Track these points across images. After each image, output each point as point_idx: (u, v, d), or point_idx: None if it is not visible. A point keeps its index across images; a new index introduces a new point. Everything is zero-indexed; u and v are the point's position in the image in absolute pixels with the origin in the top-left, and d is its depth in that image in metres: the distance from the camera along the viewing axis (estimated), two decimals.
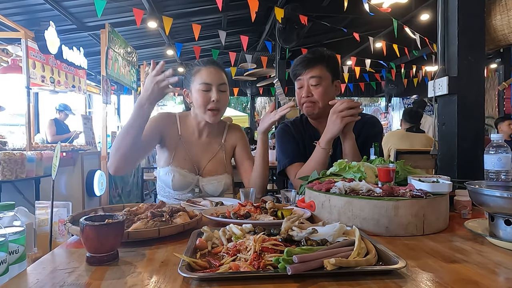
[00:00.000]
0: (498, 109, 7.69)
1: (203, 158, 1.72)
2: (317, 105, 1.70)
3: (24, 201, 3.06)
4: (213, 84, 1.60)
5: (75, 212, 1.12)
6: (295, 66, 1.74)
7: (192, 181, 1.66)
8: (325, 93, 1.69)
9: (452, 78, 1.80)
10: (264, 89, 11.51)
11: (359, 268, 0.73)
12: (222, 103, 1.63)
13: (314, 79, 1.68)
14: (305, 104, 1.72)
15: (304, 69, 1.70)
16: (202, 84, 1.60)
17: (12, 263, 0.85)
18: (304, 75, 1.70)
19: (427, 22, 6.65)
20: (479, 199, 0.97)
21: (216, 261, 0.77)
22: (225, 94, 1.65)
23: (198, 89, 1.61)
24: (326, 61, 1.70)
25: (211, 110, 1.61)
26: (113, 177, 4.80)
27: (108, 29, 4.38)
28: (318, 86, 1.68)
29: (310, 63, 1.69)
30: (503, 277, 0.75)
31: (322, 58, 1.70)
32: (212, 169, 1.70)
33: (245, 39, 5.72)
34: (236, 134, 1.82)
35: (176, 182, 1.63)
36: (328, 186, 1.16)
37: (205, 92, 1.60)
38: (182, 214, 1.09)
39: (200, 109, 1.62)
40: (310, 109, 1.72)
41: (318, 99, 1.69)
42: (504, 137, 1.29)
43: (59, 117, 6.08)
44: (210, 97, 1.59)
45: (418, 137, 4.02)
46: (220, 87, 1.62)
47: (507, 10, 1.84)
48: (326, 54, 1.72)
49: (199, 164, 1.71)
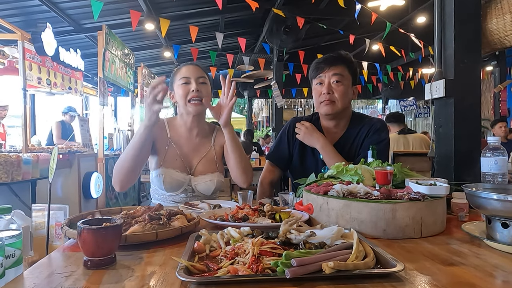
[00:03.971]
0: (494, 111, 7.74)
1: (194, 157, 1.74)
2: (336, 105, 1.68)
3: (20, 204, 3.04)
4: (191, 77, 1.66)
5: (72, 215, 1.12)
6: (318, 63, 1.72)
7: (184, 181, 1.67)
8: (346, 93, 1.68)
9: (449, 81, 1.81)
10: (262, 91, 11.52)
11: (357, 271, 0.73)
12: (203, 93, 1.66)
13: (337, 76, 1.67)
14: (324, 102, 1.68)
15: (328, 66, 1.68)
16: (181, 78, 1.67)
17: (9, 267, 0.85)
18: (327, 71, 1.68)
19: (423, 25, 6.69)
20: (476, 202, 0.98)
21: (214, 265, 0.77)
22: (205, 86, 1.69)
23: (178, 84, 1.67)
24: (349, 64, 1.71)
25: (192, 100, 1.64)
26: (110, 179, 4.78)
27: (105, 31, 4.37)
28: (340, 84, 1.67)
29: (334, 61, 1.69)
30: (500, 280, 0.75)
31: (346, 59, 1.72)
32: (204, 168, 1.72)
33: (242, 41, 5.73)
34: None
35: (168, 183, 1.64)
36: (326, 188, 1.16)
37: (185, 84, 1.66)
38: (179, 217, 1.09)
39: (182, 101, 1.67)
40: (329, 108, 1.68)
41: (339, 98, 1.67)
42: (500, 139, 1.29)
43: (66, 119, 6.08)
44: (190, 88, 1.65)
45: (413, 137, 4.11)
46: (199, 79, 1.67)
47: (503, 13, 1.85)
48: (349, 57, 1.74)
49: (191, 163, 1.72)
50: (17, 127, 5.27)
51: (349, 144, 1.75)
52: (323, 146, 1.69)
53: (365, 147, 1.70)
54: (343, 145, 1.72)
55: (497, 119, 5.97)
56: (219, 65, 9.94)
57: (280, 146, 1.86)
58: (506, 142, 5.30)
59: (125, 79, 5.46)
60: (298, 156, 1.81)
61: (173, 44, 6.62)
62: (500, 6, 1.86)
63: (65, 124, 6.06)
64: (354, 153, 1.73)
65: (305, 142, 1.75)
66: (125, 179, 1.53)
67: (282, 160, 1.86)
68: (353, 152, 1.73)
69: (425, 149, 4.00)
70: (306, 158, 1.80)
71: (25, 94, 3.66)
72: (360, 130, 1.74)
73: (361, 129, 1.74)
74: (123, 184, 1.54)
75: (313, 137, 1.72)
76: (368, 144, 1.69)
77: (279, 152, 1.86)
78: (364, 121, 1.77)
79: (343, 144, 1.73)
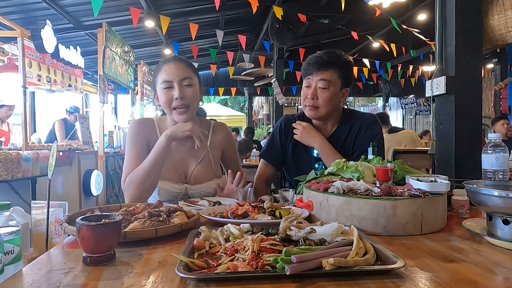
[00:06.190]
0: (495, 109, 7.73)
1: (189, 164, 1.63)
2: (319, 110, 1.67)
3: (20, 201, 3.04)
4: (174, 81, 1.52)
5: (71, 212, 1.12)
6: (308, 64, 1.69)
7: (180, 191, 1.58)
8: (331, 99, 1.65)
9: (450, 77, 1.81)
10: (262, 88, 11.51)
11: (358, 268, 0.72)
12: (188, 99, 1.53)
13: (323, 82, 1.64)
14: (308, 107, 1.69)
15: (316, 70, 1.64)
16: (163, 82, 1.53)
17: (8, 263, 0.85)
18: (315, 76, 1.65)
19: (424, 22, 6.67)
20: (477, 199, 0.97)
21: (214, 261, 0.76)
22: (191, 88, 1.54)
23: (160, 88, 1.55)
24: (340, 67, 1.65)
25: (176, 108, 1.53)
26: (110, 177, 4.78)
27: (105, 28, 4.36)
28: (326, 91, 1.64)
29: (323, 65, 1.64)
30: (501, 277, 0.75)
31: (337, 62, 1.65)
32: (200, 175, 1.62)
33: (243, 38, 5.71)
34: (222, 136, 1.75)
35: (164, 196, 1.56)
36: (326, 185, 1.16)
37: (167, 89, 1.53)
38: (179, 214, 1.09)
39: (166, 109, 1.56)
40: (312, 113, 1.69)
41: (322, 104, 1.65)
42: (501, 136, 1.29)
43: (69, 119, 6.07)
44: (173, 95, 1.52)
45: (403, 134, 4.24)
46: (182, 82, 1.52)
47: (504, 10, 1.84)
48: (341, 59, 1.66)
49: (186, 171, 1.62)
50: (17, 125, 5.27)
51: (341, 141, 1.74)
52: (321, 145, 1.68)
53: (359, 143, 1.70)
54: (335, 142, 1.71)
55: (498, 117, 5.96)
56: (219, 63, 9.93)
57: (273, 144, 1.85)
58: (506, 140, 5.29)
59: (125, 76, 5.45)
60: (292, 154, 1.81)
61: (173, 42, 6.62)
62: (502, 2, 1.85)
63: (67, 123, 6.05)
64: (347, 150, 1.73)
65: (303, 141, 1.74)
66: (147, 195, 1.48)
67: (276, 158, 1.85)
68: (346, 149, 1.73)
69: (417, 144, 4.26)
70: (299, 155, 1.80)
71: (25, 92, 3.66)
72: (352, 127, 1.74)
73: (352, 126, 1.74)
74: (144, 200, 1.45)
75: (310, 136, 1.71)
76: (362, 140, 1.69)
77: (272, 150, 1.85)
78: (355, 117, 1.77)
79: (335, 141, 1.72)
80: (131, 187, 1.45)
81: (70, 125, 6.09)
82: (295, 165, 1.80)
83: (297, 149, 1.80)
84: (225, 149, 1.76)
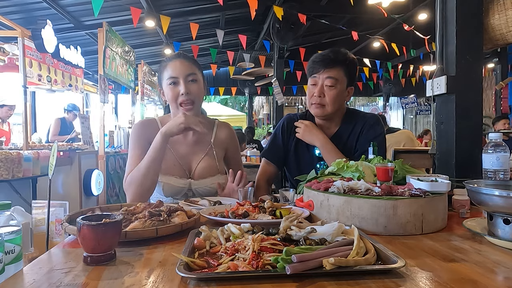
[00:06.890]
0: (495, 108, 7.73)
1: (193, 159, 1.65)
2: (326, 108, 1.67)
3: (21, 201, 3.04)
4: (179, 77, 1.56)
5: (72, 212, 1.12)
6: (314, 62, 1.68)
7: (184, 186, 1.59)
8: (337, 97, 1.65)
9: (450, 77, 1.80)
10: (262, 88, 11.50)
11: (358, 267, 0.72)
12: (194, 94, 1.58)
13: (330, 80, 1.63)
14: (314, 105, 1.68)
15: (323, 68, 1.64)
16: (169, 78, 1.57)
17: (8, 263, 0.85)
18: (321, 74, 1.65)
19: (424, 21, 6.67)
20: (478, 198, 0.97)
21: (214, 261, 0.76)
22: (195, 84, 1.59)
23: (166, 84, 1.58)
24: (346, 65, 1.65)
25: (182, 103, 1.57)
26: (110, 177, 4.78)
27: (105, 28, 4.36)
28: (332, 88, 1.64)
29: (330, 63, 1.64)
30: (502, 276, 0.75)
31: (343, 60, 1.65)
32: (204, 170, 1.63)
33: (243, 38, 5.71)
34: (226, 134, 1.77)
35: (168, 190, 1.58)
36: (326, 185, 1.16)
37: (173, 86, 1.57)
38: (180, 214, 1.09)
39: (172, 104, 1.60)
40: (318, 111, 1.68)
41: (329, 102, 1.65)
42: (502, 136, 1.29)
43: (67, 117, 6.06)
44: (179, 91, 1.55)
45: (400, 134, 4.27)
46: (188, 77, 1.57)
47: (505, 9, 1.84)
48: (348, 57, 1.67)
49: (190, 166, 1.64)
50: (17, 125, 5.28)
51: (343, 140, 1.74)
52: (323, 143, 1.68)
53: (362, 143, 1.70)
54: (337, 142, 1.71)
55: (499, 116, 5.96)
56: (219, 62, 9.92)
57: (275, 143, 1.85)
58: (507, 139, 5.29)
59: (126, 76, 5.45)
60: (294, 153, 1.81)
61: (173, 41, 6.62)
62: (502, 1, 1.85)
63: (66, 122, 6.05)
64: (349, 149, 1.73)
65: (305, 140, 1.74)
66: (148, 194, 1.50)
67: (278, 157, 1.85)
68: (348, 148, 1.73)
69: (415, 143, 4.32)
70: (301, 155, 1.79)
71: (25, 91, 3.66)
72: (354, 127, 1.74)
73: (355, 126, 1.74)
74: (145, 200, 1.48)
75: (312, 134, 1.71)
76: (365, 140, 1.69)
77: (274, 149, 1.85)
78: (357, 117, 1.77)
79: (337, 140, 1.72)
80: (132, 187, 1.48)
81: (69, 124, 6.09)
82: (297, 164, 1.80)
83: (299, 148, 1.79)
84: (228, 148, 1.77)
